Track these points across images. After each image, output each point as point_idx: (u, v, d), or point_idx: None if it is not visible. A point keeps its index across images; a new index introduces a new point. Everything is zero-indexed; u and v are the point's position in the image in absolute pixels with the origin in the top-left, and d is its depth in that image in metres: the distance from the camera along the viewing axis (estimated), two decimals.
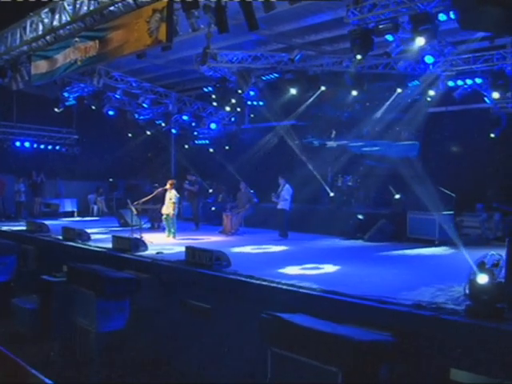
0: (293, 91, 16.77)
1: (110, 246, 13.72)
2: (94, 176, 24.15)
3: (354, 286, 9.01)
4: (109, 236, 15.97)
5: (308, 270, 10.90)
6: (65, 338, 11.41)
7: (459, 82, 14.70)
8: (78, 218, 23.05)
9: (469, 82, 14.45)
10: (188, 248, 11.35)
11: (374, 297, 8.05)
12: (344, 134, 20.21)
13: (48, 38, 15.28)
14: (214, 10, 11.10)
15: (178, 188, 16.69)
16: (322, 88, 17.08)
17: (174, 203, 15.63)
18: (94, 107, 20.94)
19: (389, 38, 12.30)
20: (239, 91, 17.31)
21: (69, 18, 14.32)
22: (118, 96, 20.49)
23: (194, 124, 23.63)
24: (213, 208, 19.97)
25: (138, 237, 13.99)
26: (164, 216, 15.95)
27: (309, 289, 8.72)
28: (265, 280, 9.51)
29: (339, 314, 8.02)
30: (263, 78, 17.53)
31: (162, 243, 14.60)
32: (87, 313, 10.65)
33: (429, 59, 13.26)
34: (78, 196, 24.39)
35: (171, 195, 15.77)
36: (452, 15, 10.14)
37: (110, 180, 25.56)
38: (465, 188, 15.47)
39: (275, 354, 7.09)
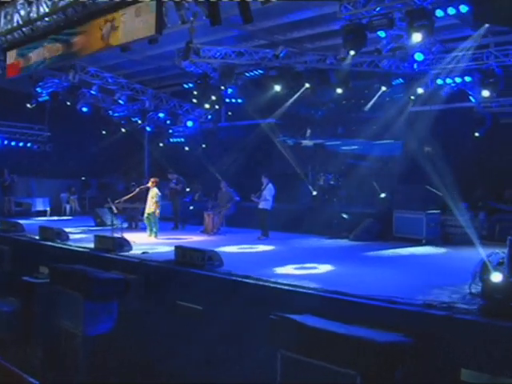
0: (277, 88, 16.53)
1: (91, 245, 13.23)
2: (66, 174, 23.45)
3: (354, 285, 8.75)
4: (86, 236, 15.61)
5: (302, 269, 10.66)
6: (48, 342, 10.92)
7: (448, 81, 14.64)
8: (51, 218, 22.29)
9: (458, 80, 14.43)
10: (178, 247, 10.96)
11: (382, 297, 7.83)
12: (318, 132, 20.13)
13: (25, 30, 14.78)
14: (206, 2, 10.73)
15: (161, 187, 16.21)
16: (307, 85, 16.81)
17: (156, 202, 15.18)
18: (68, 103, 20.36)
19: (381, 34, 12.16)
20: (222, 87, 16.94)
21: (47, 10, 13.86)
22: (93, 92, 19.91)
23: (168, 122, 23.23)
24: (191, 207, 19.54)
25: (119, 236, 13.49)
26: (146, 215, 15.47)
27: (312, 289, 8.44)
28: (263, 280, 9.22)
29: (345, 314, 7.75)
30: (246, 74, 17.23)
31: (144, 243, 14.16)
32: (73, 315, 10.15)
33: (418, 56, 13.15)
34: (49, 195, 23.60)
35: (153, 194, 15.32)
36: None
37: (83, 178, 24.83)
38: (448, 187, 15.43)
39: (286, 357, 6.80)
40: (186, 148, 23.72)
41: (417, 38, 11.05)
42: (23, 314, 11.74)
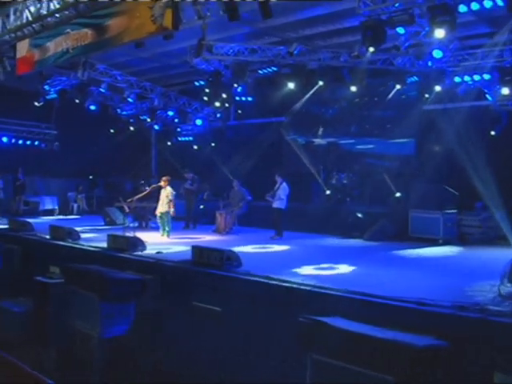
0: (291, 86, 16.30)
1: (103, 245, 13.02)
2: (73, 173, 23.20)
3: (378, 286, 8.54)
4: (96, 235, 15.44)
5: (322, 270, 10.43)
6: (62, 343, 10.71)
7: (466, 78, 14.40)
8: (59, 217, 22.08)
9: (476, 78, 14.18)
10: (195, 247, 10.73)
11: (410, 298, 7.60)
12: (331, 131, 19.90)
13: (35, 26, 14.50)
14: None
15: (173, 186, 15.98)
16: (320, 83, 16.58)
17: (171, 201, 14.97)
18: (77, 101, 20.11)
19: (400, 30, 11.91)
20: (235, 85, 16.71)
21: (58, 5, 13.59)
22: (102, 90, 19.68)
23: (177, 120, 23.00)
24: (201, 206, 19.30)
25: (133, 236, 13.27)
26: (159, 214, 15.24)
27: (338, 290, 8.21)
28: (285, 281, 8.99)
29: (373, 316, 7.53)
30: (260, 71, 16.99)
31: (157, 242, 13.93)
32: (88, 316, 9.94)
33: (437, 53, 12.91)
34: (57, 194, 23.43)
35: (167, 192, 15.09)
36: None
37: (90, 177, 24.62)
38: (463, 186, 15.20)
39: (316, 361, 6.57)
40: (195, 147, 23.50)
41: (439, 34, 10.81)
42: (36, 315, 11.51)
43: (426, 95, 16.36)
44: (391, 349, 5.97)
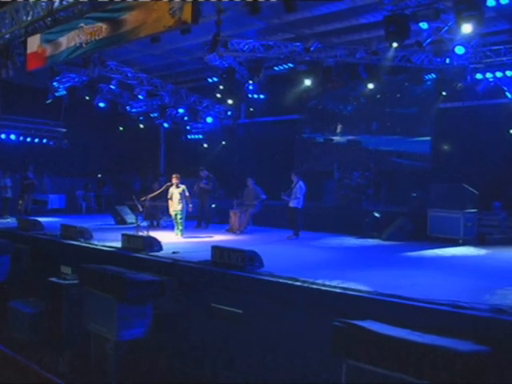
0: (307, 83, 15.99)
1: (117, 244, 12.72)
2: (81, 171, 23.02)
3: (408, 288, 8.24)
4: (109, 234, 15.09)
5: (344, 270, 10.11)
6: (77, 347, 10.44)
7: (488, 75, 14.07)
8: (68, 215, 21.75)
9: (499, 74, 13.86)
10: (215, 247, 10.41)
11: (445, 301, 7.29)
12: (349, 128, 19.60)
13: (47, 20, 14.19)
14: None
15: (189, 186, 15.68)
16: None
17: (188, 197, 14.73)
18: (87, 97, 19.85)
19: (423, 25, 11.62)
20: (250, 81, 16.41)
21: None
22: (112, 87, 19.41)
23: (186, 118, 22.74)
24: (213, 205, 18.98)
25: (149, 235, 12.95)
26: (174, 213, 14.94)
27: (368, 292, 7.91)
28: (311, 282, 8.68)
29: (406, 320, 7.22)
30: (275, 68, 16.68)
31: (171, 242, 13.57)
32: (105, 319, 9.60)
33: (459, 50, 12.58)
34: (65, 192, 23.13)
35: (181, 190, 14.79)
36: None
37: (99, 176, 24.31)
38: (481, 186, 14.90)
39: (353, 368, 6.28)
40: (205, 145, 23.22)
41: (467, 29, 10.52)
42: (49, 317, 11.23)
43: (444, 93, 16.05)
44: (433, 354, 5.67)
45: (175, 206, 14.84)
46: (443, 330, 6.72)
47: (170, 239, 14.14)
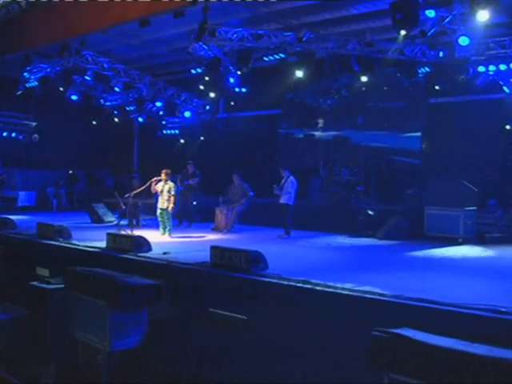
0: (299, 74, 15.31)
1: (101, 244, 11.83)
2: (52, 167, 21.88)
3: (430, 291, 7.63)
4: (88, 233, 14.22)
5: (355, 272, 9.46)
6: (64, 358, 9.55)
7: (491, 68, 13.61)
8: (38, 213, 20.58)
9: (502, 67, 13.40)
10: (215, 248, 9.62)
11: (481, 305, 6.69)
12: (331, 123, 19.02)
13: None
14: None
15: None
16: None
17: (174, 196, 13.84)
18: (61, 89, 18.78)
19: (430, 14, 11.04)
20: (238, 72, 15.63)
21: None
22: (88, 78, 18.36)
23: (162, 112, 21.82)
24: (194, 202, 18.10)
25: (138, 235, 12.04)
26: (159, 211, 14.06)
27: (396, 297, 7.24)
28: (323, 285, 7.98)
29: (440, 326, 6.59)
30: (265, 58, 15.93)
31: (159, 242, 12.70)
32: (96, 328, 8.74)
33: (463, 41, 12.02)
34: (35, 188, 21.92)
35: (170, 187, 13.93)
36: None
37: (70, 172, 23.12)
38: (475, 183, 14.46)
39: (397, 382, 5.59)
40: (182, 141, 22.35)
41: (483, 16, 9.96)
42: (31, 324, 10.30)
43: (437, 87, 15.60)
44: (499, 368, 5.03)
45: (160, 204, 13.98)
46: (485, 338, 6.12)
47: (157, 239, 13.25)
